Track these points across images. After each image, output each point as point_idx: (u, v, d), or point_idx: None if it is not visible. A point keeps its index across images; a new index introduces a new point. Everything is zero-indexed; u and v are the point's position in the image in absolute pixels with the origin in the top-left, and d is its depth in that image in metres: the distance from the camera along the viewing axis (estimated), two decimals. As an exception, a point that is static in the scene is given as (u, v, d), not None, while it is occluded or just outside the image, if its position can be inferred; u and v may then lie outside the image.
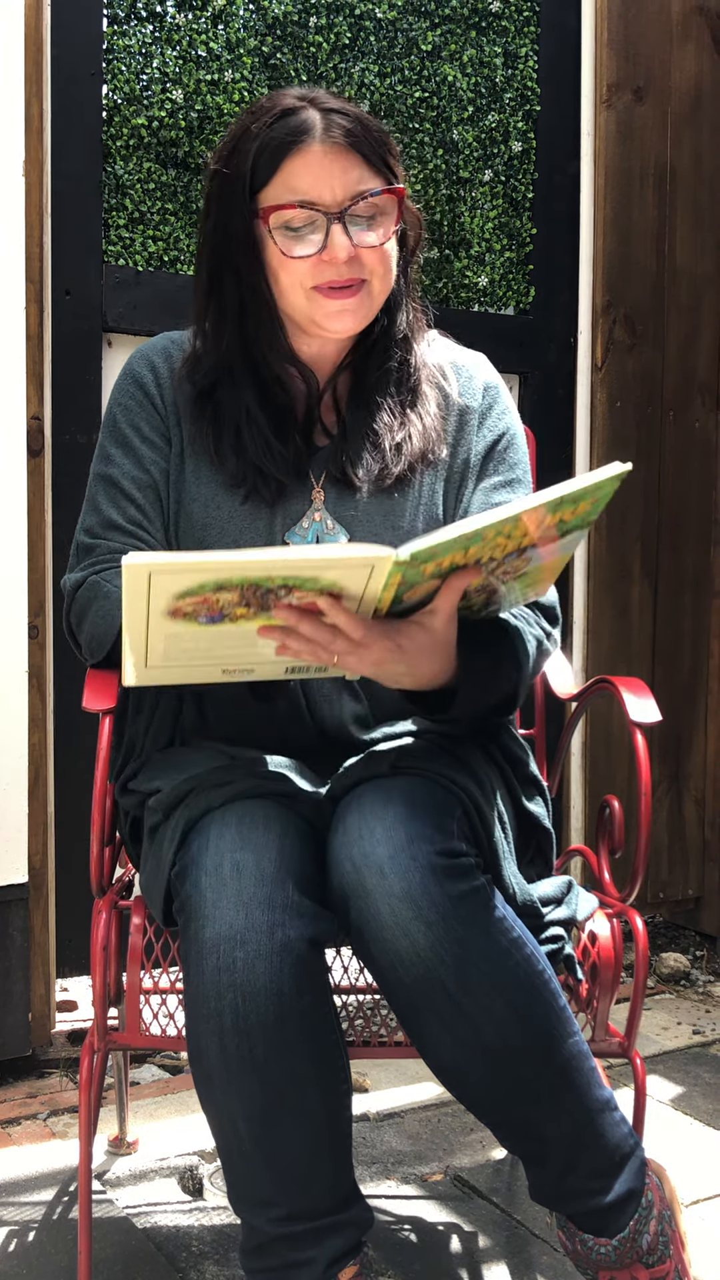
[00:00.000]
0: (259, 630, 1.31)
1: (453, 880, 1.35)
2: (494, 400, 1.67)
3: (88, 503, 1.62)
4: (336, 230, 1.47)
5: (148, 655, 1.34)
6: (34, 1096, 2.28)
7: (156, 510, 1.59)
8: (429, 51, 2.77)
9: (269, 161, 1.48)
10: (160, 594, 1.25)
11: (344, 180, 1.47)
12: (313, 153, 1.47)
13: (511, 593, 1.45)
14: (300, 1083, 1.35)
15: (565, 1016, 1.42)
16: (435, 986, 1.35)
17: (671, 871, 3.07)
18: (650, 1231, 1.47)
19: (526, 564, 1.39)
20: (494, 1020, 1.37)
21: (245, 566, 1.22)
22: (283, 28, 2.60)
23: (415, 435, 1.59)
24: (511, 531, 1.31)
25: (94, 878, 1.55)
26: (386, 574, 1.26)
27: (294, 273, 1.49)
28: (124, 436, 1.60)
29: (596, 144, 2.90)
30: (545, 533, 1.35)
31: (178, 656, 1.35)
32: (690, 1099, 2.33)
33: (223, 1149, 1.40)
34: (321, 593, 1.28)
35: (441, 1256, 1.82)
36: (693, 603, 3.06)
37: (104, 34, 2.43)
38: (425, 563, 1.28)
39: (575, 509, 1.34)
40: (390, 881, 1.33)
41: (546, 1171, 1.46)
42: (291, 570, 1.23)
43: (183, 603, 1.26)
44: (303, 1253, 1.38)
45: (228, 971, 1.33)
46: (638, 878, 1.62)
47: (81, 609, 1.57)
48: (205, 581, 1.23)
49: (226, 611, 1.29)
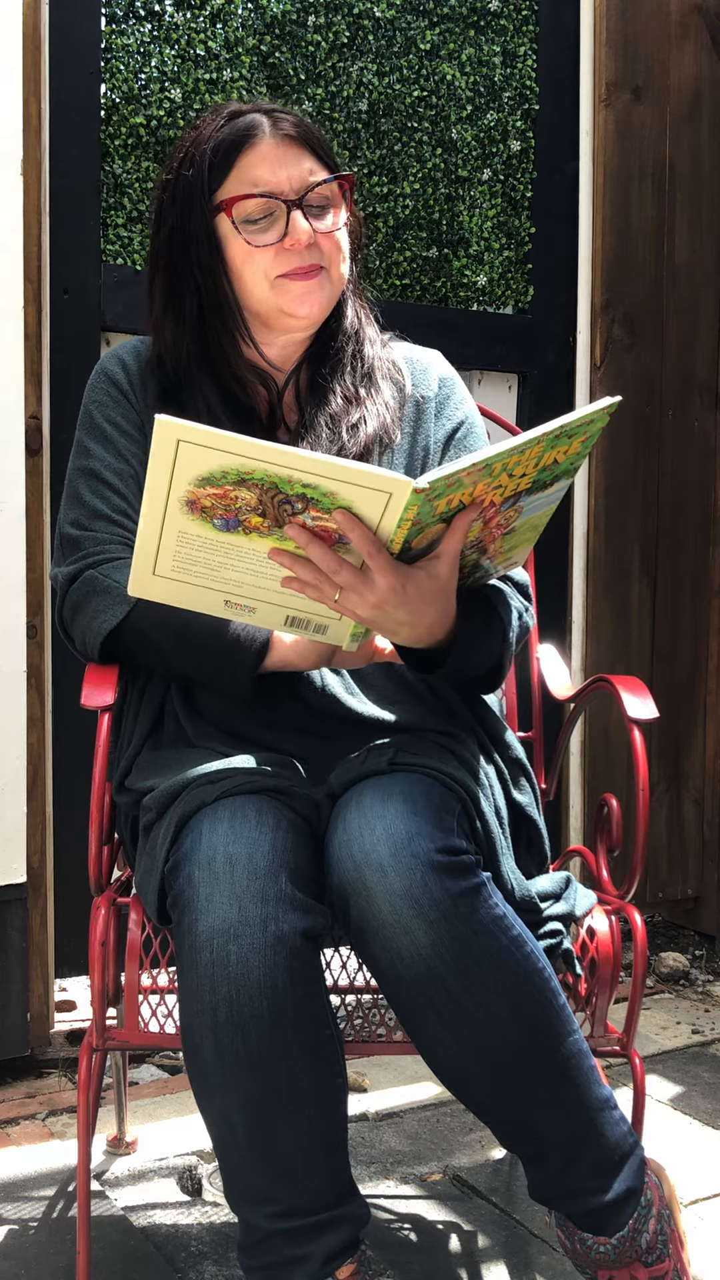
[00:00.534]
0: (269, 552, 1.34)
1: (453, 878, 1.34)
2: (450, 391, 1.71)
3: (68, 498, 1.63)
4: (296, 216, 1.53)
5: (157, 558, 1.36)
6: (33, 1096, 2.28)
7: (138, 498, 1.59)
8: (428, 50, 2.76)
9: (224, 159, 1.54)
10: (184, 473, 1.28)
11: (298, 170, 1.55)
12: (266, 144, 1.55)
13: (498, 556, 1.47)
14: (295, 1077, 1.35)
15: (565, 1015, 1.42)
16: (436, 984, 1.35)
17: (670, 871, 3.06)
18: (649, 1230, 1.47)
19: (518, 516, 1.41)
20: (494, 1018, 1.37)
21: (272, 455, 1.24)
22: (281, 26, 2.60)
23: (370, 418, 1.62)
24: (515, 469, 1.32)
25: (92, 876, 1.55)
26: (404, 505, 1.27)
27: (257, 264, 1.54)
28: (101, 430, 1.63)
29: (595, 143, 2.90)
30: (540, 475, 1.37)
31: (186, 567, 1.37)
32: (689, 1098, 2.33)
33: (218, 1144, 1.39)
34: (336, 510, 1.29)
35: (440, 1256, 1.82)
36: (691, 602, 3.05)
37: (102, 33, 2.43)
38: (439, 498, 1.29)
39: (569, 447, 1.36)
40: (391, 879, 1.33)
41: (546, 1170, 1.46)
42: (314, 473, 1.25)
43: (203, 491, 1.29)
44: (299, 1249, 1.38)
45: (221, 965, 1.33)
46: (636, 874, 1.61)
47: (77, 603, 1.57)
48: (229, 467, 1.26)
49: (242, 517, 1.31)
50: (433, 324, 2.76)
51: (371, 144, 2.72)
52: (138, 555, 1.37)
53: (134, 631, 1.54)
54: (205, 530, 1.33)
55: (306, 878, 1.39)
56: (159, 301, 1.61)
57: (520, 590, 1.62)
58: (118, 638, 1.55)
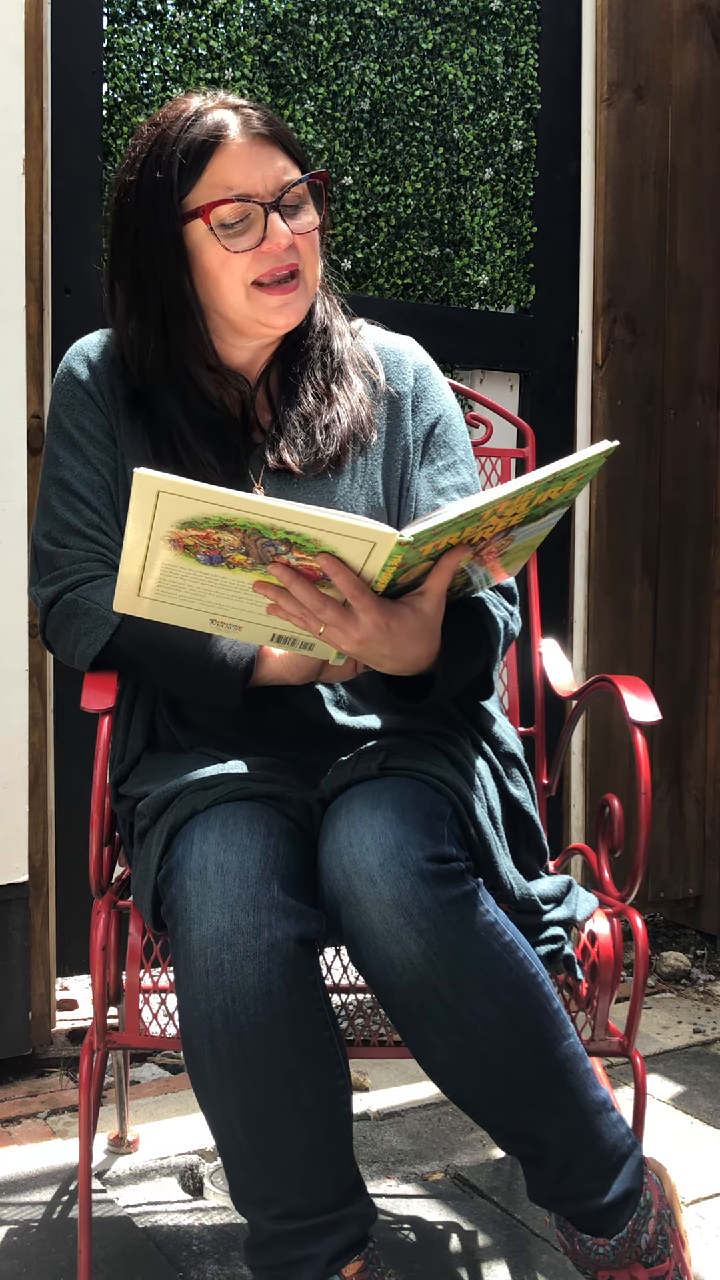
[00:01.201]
0: (254, 585, 1.33)
1: (443, 886, 1.34)
2: (426, 384, 1.68)
3: (41, 507, 1.61)
4: (274, 219, 1.49)
5: (141, 582, 1.35)
6: (34, 1095, 2.28)
7: (110, 510, 1.59)
8: (429, 50, 2.76)
9: (194, 162, 1.49)
10: (165, 517, 1.26)
11: (272, 170, 1.50)
12: (237, 146, 1.50)
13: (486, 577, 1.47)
14: (293, 1082, 1.35)
15: (560, 1019, 1.42)
16: (428, 992, 1.35)
17: (672, 870, 3.06)
18: (649, 1231, 1.47)
19: (510, 544, 1.41)
20: (488, 1024, 1.37)
21: (253, 508, 1.23)
22: (283, 26, 2.60)
23: (343, 415, 1.59)
24: (505, 511, 1.31)
25: (93, 877, 1.55)
26: (388, 554, 1.26)
27: (235, 270, 1.50)
28: (70, 437, 1.60)
29: (597, 142, 2.89)
30: (533, 511, 1.36)
31: (170, 591, 1.36)
32: (691, 1098, 2.33)
33: (221, 1148, 1.40)
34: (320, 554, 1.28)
35: (441, 1255, 1.82)
36: (693, 602, 3.05)
37: (104, 32, 2.43)
38: (425, 544, 1.28)
39: (563, 486, 1.35)
40: (381, 889, 1.33)
41: (544, 1173, 1.46)
42: (296, 524, 1.24)
43: (185, 533, 1.27)
44: (304, 1250, 1.38)
45: (216, 974, 1.33)
46: (637, 877, 1.61)
47: (58, 626, 1.57)
48: (210, 515, 1.25)
49: (226, 555, 1.30)
50: (434, 323, 2.76)
51: (373, 143, 2.72)
52: (122, 579, 1.35)
53: (119, 654, 1.54)
54: (189, 564, 1.32)
55: (300, 883, 1.38)
56: (121, 305, 1.57)
57: (506, 595, 1.60)
58: (102, 660, 1.54)
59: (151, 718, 1.61)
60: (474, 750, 1.54)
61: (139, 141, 1.54)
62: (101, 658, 1.54)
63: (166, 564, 1.32)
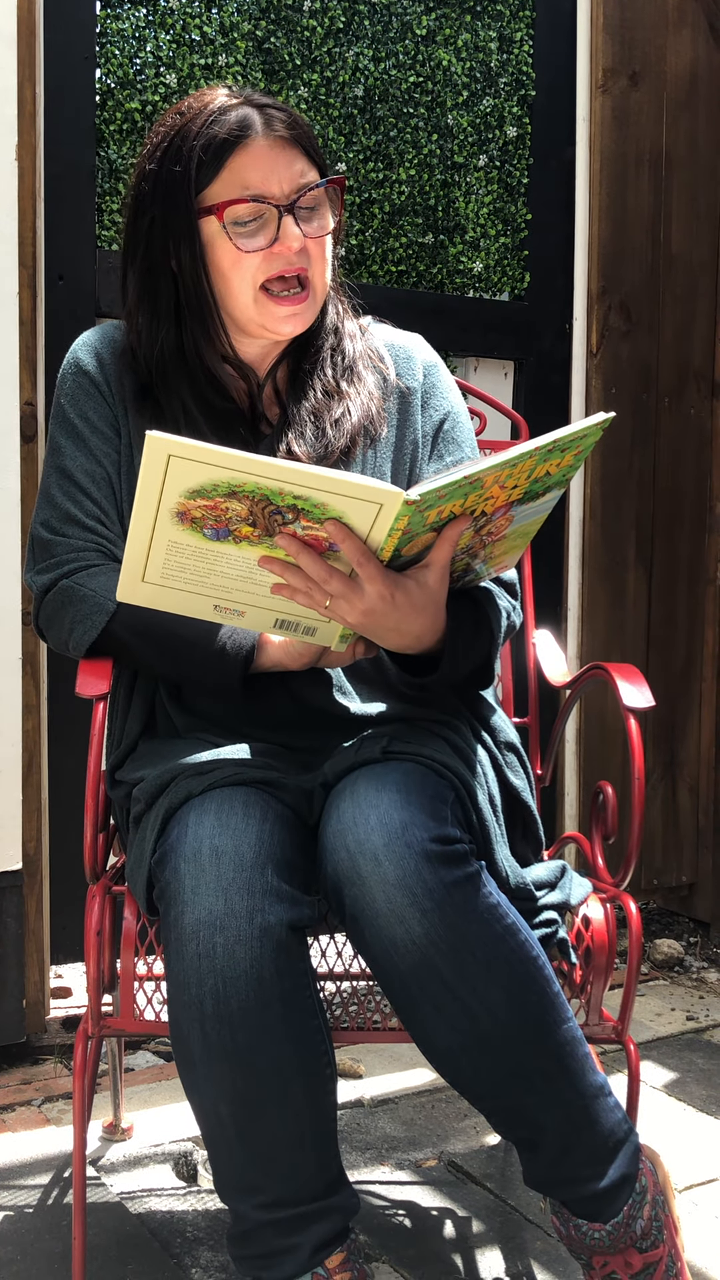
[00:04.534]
0: (260, 560, 1.33)
1: (447, 867, 1.34)
2: (435, 381, 1.69)
3: (42, 495, 1.61)
4: (288, 222, 1.50)
5: (146, 566, 1.35)
6: (28, 1083, 2.28)
7: (111, 502, 1.59)
8: (424, 36, 2.75)
9: (214, 159, 1.49)
10: (174, 485, 1.27)
11: (290, 173, 1.50)
12: (258, 146, 1.50)
13: (489, 561, 1.47)
14: (282, 1069, 1.35)
15: (559, 1003, 1.42)
16: (430, 973, 1.35)
17: (666, 858, 3.07)
18: (644, 1217, 1.47)
19: (509, 524, 1.41)
20: (488, 1007, 1.37)
21: (262, 469, 1.24)
22: (277, 11, 2.59)
23: (354, 410, 1.60)
24: (506, 480, 1.32)
25: (87, 864, 1.55)
26: (394, 516, 1.27)
27: (245, 269, 1.51)
28: (74, 427, 1.60)
29: (592, 129, 2.89)
30: (532, 486, 1.36)
31: (175, 574, 1.36)
32: (684, 1085, 2.33)
33: (206, 1135, 1.40)
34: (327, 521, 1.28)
35: (435, 1242, 1.82)
36: (687, 590, 3.05)
37: (97, 17, 2.42)
38: (430, 509, 1.28)
39: (561, 460, 1.36)
40: (385, 869, 1.33)
41: (540, 1157, 1.46)
42: (305, 485, 1.24)
43: (193, 503, 1.28)
44: (288, 1239, 1.38)
45: (208, 957, 1.32)
46: (631, 861, 1.62)
47: (52, 613, 1.57)
48: (220, 481, 1.25)
49: (233, 528, 1.30)
50: (428, 310, 2.76)
51: (367, 130, 2.71)
52: (126, 563, 1.36)
53: (114, 642, 1.53)
54: (195, 540, 1.33)
55: (293, 869, 1.38)
56: (133, 293, 1.58)
57: (508, 589, 1.61)
58: (97, 648, 1.54)
59: (150, 702, 1.61)
60: (474, 738, 1.54)
61: (162, 129, 1.54)
62: (96, 646, 1.53)
63: (172, 542, 1.33)
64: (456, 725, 1.53)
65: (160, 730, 1.60)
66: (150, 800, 1.46)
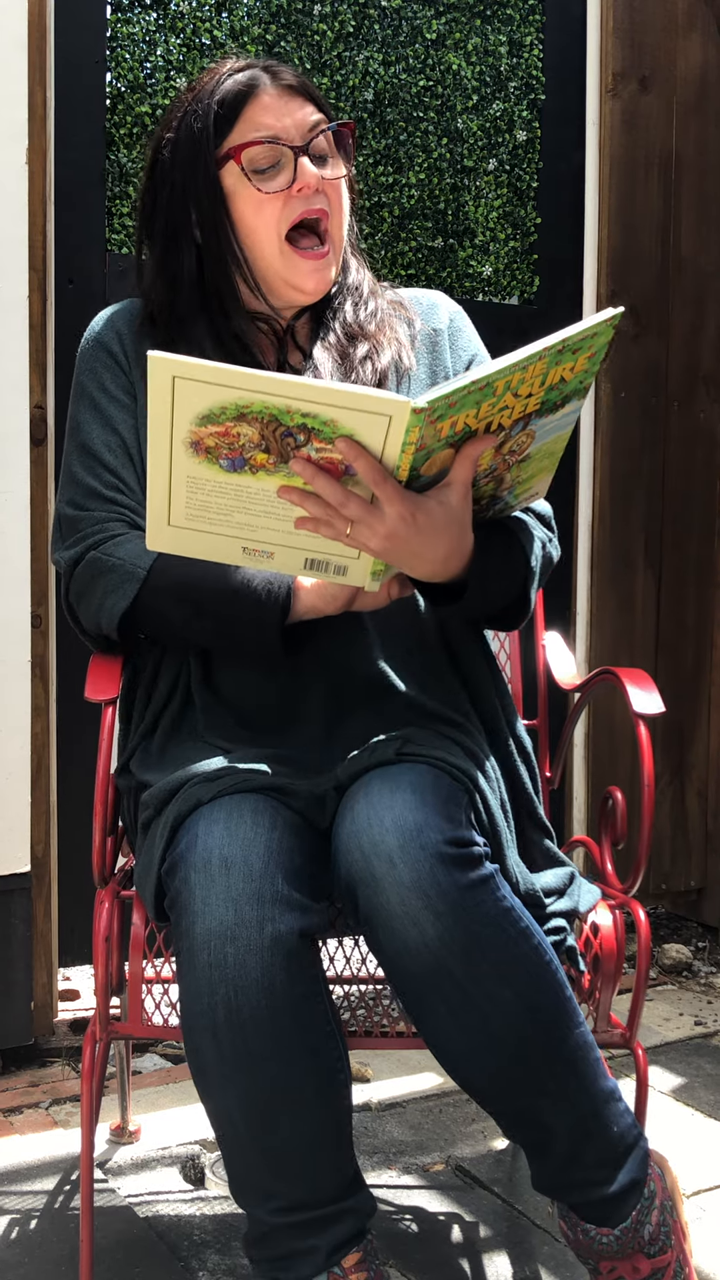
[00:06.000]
0: (279, 490, 1.32)
1: (462, 870, 1.34)
2: (460, 325, 1.72)
3: (64, 477, 1.62)
4: (304, 161, 1.55)
5: (170, 509, 1.35)
6: (36, 1085, 2.28)
7: (130, 470, 1.59)
8: (434, 40, 2.76)
9: (229, 111, 1.56)
10: (183, 412, 1.27)
11: (301, 116, 1.57)
12: (268, 94, 1.57)
13: (514, 491, 1.45)
14: (295, 1076, 1.35)
15: (571, 1007, 1.42)
16: (444, 976, 1.35)
17: (674, 863, 3.07)
18: (652, 1222, 1.47)
19: (530, 440, 1.38)
20: (501, 1010, 1.37)
21: (265, 385, 1.23)
22: (286, 15, 2.59)
23: (382, 351, 1.61)
24: (519, 388, 1.29)
25: (96, 868, 1.55)
26: (404, 427, 1.24)
27: (268, 216, 1.54)
28: (92, 399, 1.61)
29: (601, 133, 2.89)
30: (549, 395, 1.33)
31: (199, 514, 1.35)
32: (692, 1090, 2.33)
33: (222, 1141, 1.40)
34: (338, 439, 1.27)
35: (442, 1246, 1.82)
36: (696, 594, 3.05)
37: (107, 21, 2.43)
38: (441, 419, 1.26)
39: (574, 364, 1.32)
40: (400, 870, 1.33)
41: (550, 1161, 1.46)
42: (309, 400, 1.23)
43: (204, 431, 1.27)
44: (305, 1241, 1.38)
45: (219, 967, 1.32)
46: (640, 869, 1.61)
47: (83, 587, 1.55)
48: (227, 402, 1.25)
49: (247, 455, 1.29)
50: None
51: (377, 134, 2.71)
52: (151, 506, 1.35)
53: (148, 610, 1.51)
54: (213, 473, 1.31)
55: (303, 877, 1.38)
56: (151, 268, 1.60)
57: (543, 521, 1.60)
58: (132, 617, 1.52)
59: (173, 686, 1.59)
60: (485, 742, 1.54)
61: (177, 104, 1.61)
62: (129, 615, 1.52)
63: (191, 477, 1.31)
64: (468, 729, 1.53)
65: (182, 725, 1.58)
66: (159, 807, 1.46)
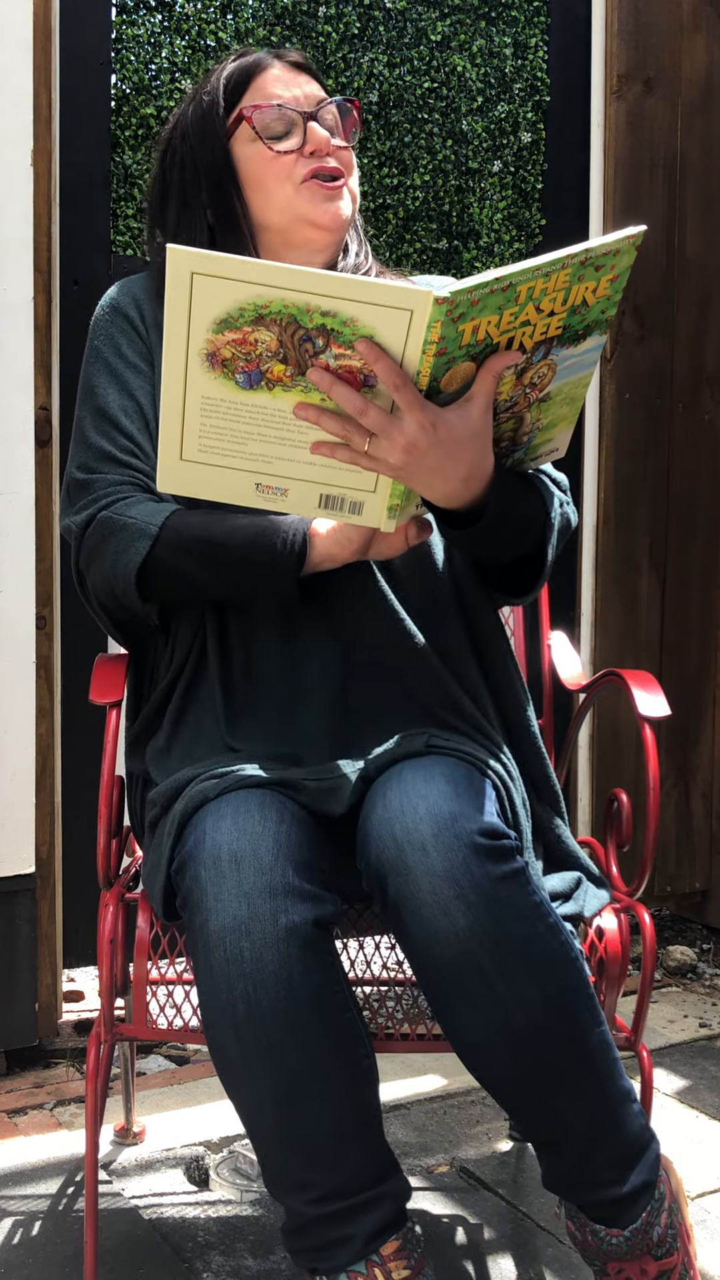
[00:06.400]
0: (295, 409, 1.31)
1: (494, 861, 1.34)
2: None
3: (75, 442, 1.61)
4: (313, 126, 1.59)
5: (183, 438, 1.34)
6: (40, 1086, 2.28)
7: (145, 435, 1.58)
8: (438, 42, 2.76)
9: (238, 85, 1.62)
10: (200, 316, 1.26)
11: (307, 90, 1.62)
12: (275, 69, 1.63)
13: (535, 434, 1.44)
14: (319, 1065, 1.35)
15: (594, 1005, 1.42)
16: (470, 967, 1.35)
17: (679, 865, 3.06)
18: (661, 1224, 1.46)
19: (551, 374, 1.36)
20: (525, 1004, 1.37)
21: (287, 278, 1.23)
22: (291, 17, 2.59)
23: None
24: (541, 300, 1.28)
25: (100, 869, 1.55)
26: (426, 323, 1.23)
27: (281, 169, 1.58)
28: (107, 363, 1.62)
29: (606, 135, 2.89)
30: (570, 320, 1.32)
31: (213, 443, 1.34)
32: (696, 1092, 2.33)
33: (252, 1135, 1.40)
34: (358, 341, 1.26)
35: (447, 1248, 1.82)
36: (701, 596, 3.05)
37: (113, 23, 2.43)
38: (464, 320, 1.24)
39: (596, 285, 1.31)
40: (433, 859, 1.33)
41: (563, 1160, 1.46)
42: (331, 294, 1.23)
43: (221, 339, 1.27)
44: (341, 1230, 1.37)
45: (236, 963, 1.33)
46: (645, 871, 1.61)
47: (93, 548, 1.54)
48: (245, 302, 1.25)
49: (264, 367, 1.29)
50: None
51: (382, 135, 2.71)
52: (163, 439, 1.34)
53: (161, 567, 1.50)
54: (228, 391, 1.30)
55: (313, 868, 1.39)
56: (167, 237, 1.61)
57: (560, 486, 1.60)
58: (144, 577, 1.51)
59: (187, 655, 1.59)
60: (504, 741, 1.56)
61: (185, 97, 1.67)
62: (143, 572, 1.50)
63: (206, 398, 1.30)
64: (485, 728, 1.55)
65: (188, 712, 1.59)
66: (166, 805, 1.46)
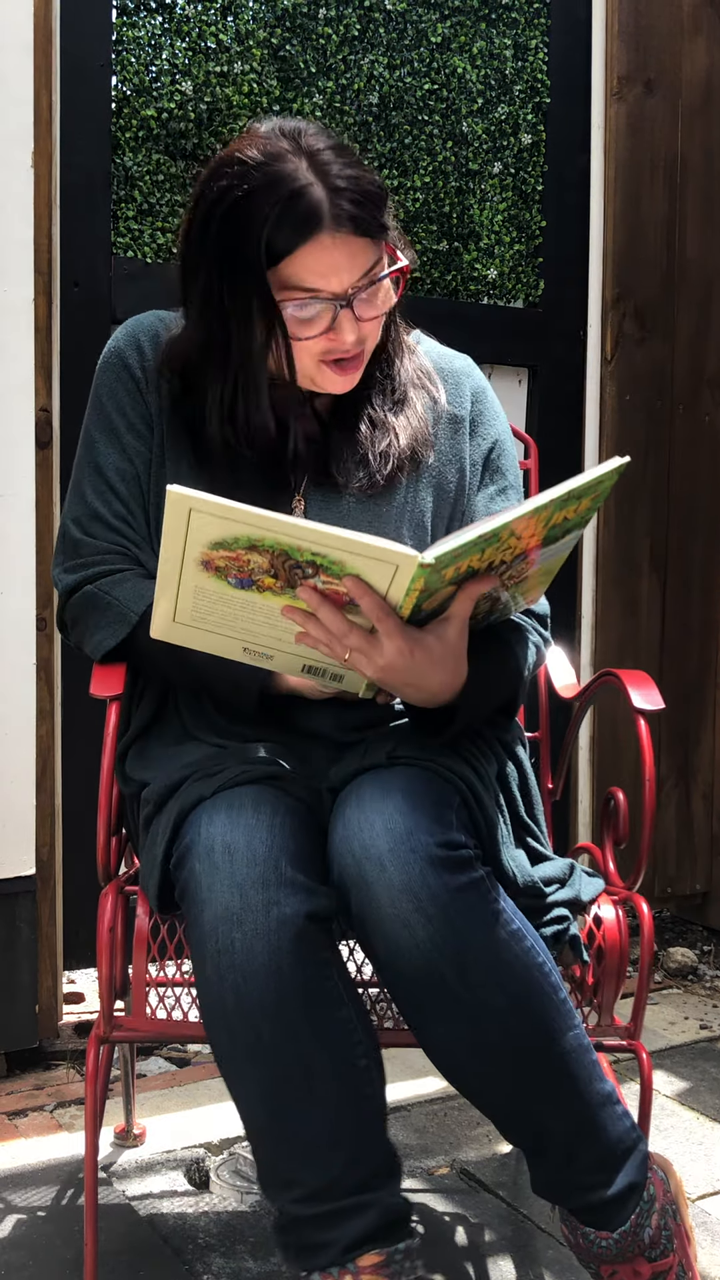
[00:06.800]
0: (282, 610, 1.36)
1: (452, 872, 1.34)
2: (483, 407, 1.68)
3: (73, 489, 1.63)
4: (345, 316, 1.46)
5: (177, 607, 1.39)
6: (41, 1088, 2.28)
7: (139, 502, 1.60)
8: (439, 43, 2.76)
9: (281, 248, 1.43)
10: (197, 537, 1.30)
11: (351, 266, 1.45)
12: (323, 243, 1.43)
13: (513, 600, 1.48)
14: (306, 1063, 1.34)
15: (565, 1009, 1.41)
16: (435, 979, 1.35)
17: (679, 866, 3.06)
18: (652, 1226, 1.46)
19: (530, 567, 1.42)
20: (493, 1013, 1.37)
21: (279, 527, 1.26)
22: (292, 19, 2.60)
23: (402, 436, 1.59)
24: (522, 532, 1.33)
25: (100, 864, 1.55)
26: (410, 577, 1.29)
27: (300, 346, 1.48)
28: (109, 422, 1.61)
29: (607, 137, 2.89)
30: (550, 532, 1.37)
31: (205, 616, 1.40)
32: (697, 1094, 2.32)
33: (247, 1130, 1.40)
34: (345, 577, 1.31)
35: (447, 1250, 1.82)
36: (701, 597, 3.05)
37: (113, 25, 2.43)
38: (447, 568, 1.30)
39: (578, 506, 1.37)
40: (390, 874, 1.33)
41: (547, 1164, 1.46)
42: (320, 544, 1.27)
43: (216, 554, 1.31)
44: (324, 1234, 1.35)
45: (227, 954, 1.33)
46: (642, 863, 1.61)
47: (76, 615, 1.59)
48: (239, 535, 1.28)
49: (256, 578, 1.33)
50: (443, 317, 2.76)
51: (382, 137, 2.71)
52: (158, 604, 1.39)
53: (135, 653, 1.56)
54: (220, 588, 1.36)
55: (309, 860, 1.39)
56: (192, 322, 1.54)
57: (540, 620, 1.63)
58: (118, 653, 1.56)
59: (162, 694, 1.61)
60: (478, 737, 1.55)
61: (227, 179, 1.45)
62: (115, 652, 1.56)
63: (199, 588, 1.36)
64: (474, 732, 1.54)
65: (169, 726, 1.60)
66: (160, 804, 1.47)
